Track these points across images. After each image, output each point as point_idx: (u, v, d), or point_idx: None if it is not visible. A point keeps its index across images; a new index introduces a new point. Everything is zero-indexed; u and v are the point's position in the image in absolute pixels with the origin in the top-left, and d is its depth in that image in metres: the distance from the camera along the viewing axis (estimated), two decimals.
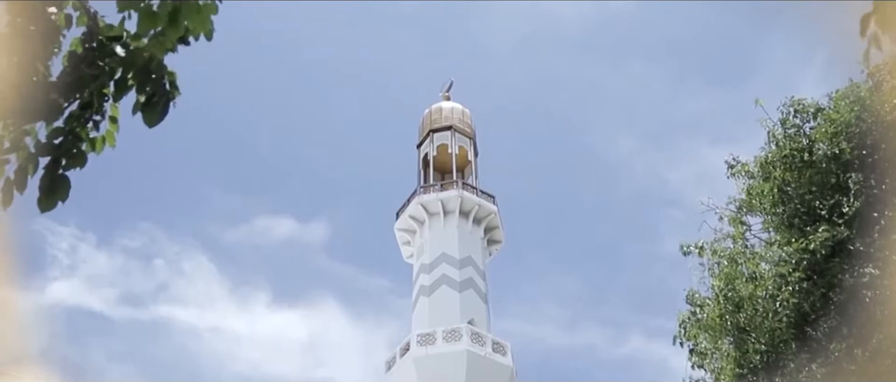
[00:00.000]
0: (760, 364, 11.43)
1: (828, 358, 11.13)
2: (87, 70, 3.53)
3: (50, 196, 3.54)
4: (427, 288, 34.86)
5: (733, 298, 11.65)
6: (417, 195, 38.13)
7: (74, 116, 3.58)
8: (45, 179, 3.54)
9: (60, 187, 3.55)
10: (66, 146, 3.56)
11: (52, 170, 3.55)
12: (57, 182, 3.55)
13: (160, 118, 3.60)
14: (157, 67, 3.58)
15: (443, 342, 31.38)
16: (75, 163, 3.59)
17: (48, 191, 3.53)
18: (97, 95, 3.58)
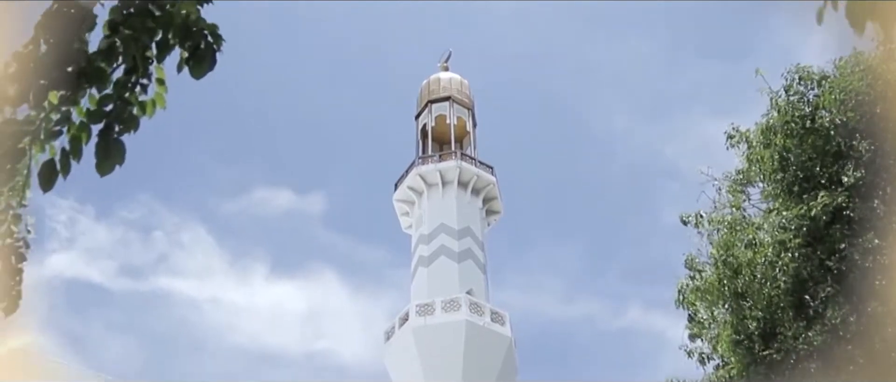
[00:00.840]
0: (757, 331, 11.46)
1: (824, 326, 11.15)
2: (128, 33, 3.59)
3: (106, 160, 3.59)
4: (426, 258, 34.93)
5: (732, 264, 11.65)
6: (416, 166, 38.11)
7: (121, 82, 3.64)
8: (101, 145, 3.60)
9: (116, 151, 3.61)
10: (116, 111, 3.63)
11: (107, 136, 3.60)
12: (112, 146, 3.60)
13: (208, 69, 3.68)
14: (195, 22, 3.65)
15: (441, 312, 31.49)
16: (128, 127, 3.65)
17: (104, 155, 3.59)
18: (141, 59, 3.64)
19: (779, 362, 11.13)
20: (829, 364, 11.01)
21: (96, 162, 3.60)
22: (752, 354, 11.49)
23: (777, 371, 11.21)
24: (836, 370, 10.92)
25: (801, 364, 10.98)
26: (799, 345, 11.03)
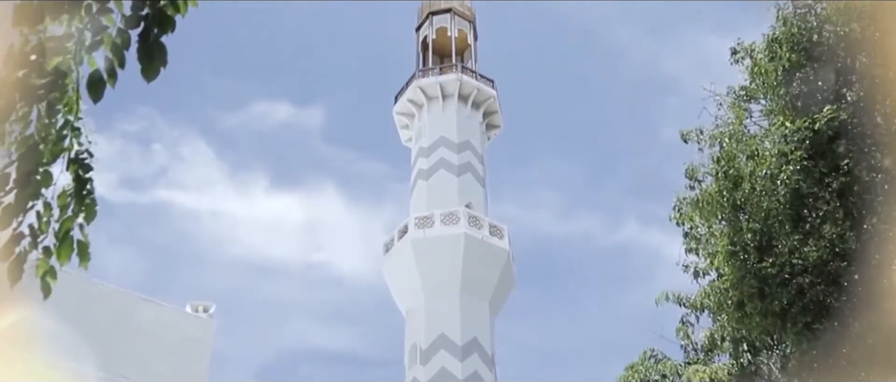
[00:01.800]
0: (753, 243, 11.49)
1: (821, 241, 11.19)
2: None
3: (150, 64, 3.62)
4: (425, 171, 34.98)
5: (732, 176, 11.63)
6: (416, 79, 37.85)
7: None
8: (142, 49, 3.61)
9: (158, 54, 3.63)
10: (153, 14, 3.64)
11: (147, 39, 3.62)
12: (154, 49, 3.62)
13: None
14: None
15: (440, 225, 31.67)
16: (165, 28, 3.66)
17: (148, 59, 3.61)
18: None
19: (773, 275, 11.20)
20: (823, 279, 11.08)
21: (141, 67, 3.62)
22: (747, 267, 11.55)
23: (770, 284, 11.29)
24: (830, 285, 11.01)
25: (796, 279, 11.06)
26: (794, 260, 11.08)
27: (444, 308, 30.54)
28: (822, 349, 11.52)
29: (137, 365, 9.95)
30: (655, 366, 17.78)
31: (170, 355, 10.42)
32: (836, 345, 11.17)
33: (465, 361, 29.28)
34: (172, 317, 10.79)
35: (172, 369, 10.27)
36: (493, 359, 30.44)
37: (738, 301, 11.93)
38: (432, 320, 30.40)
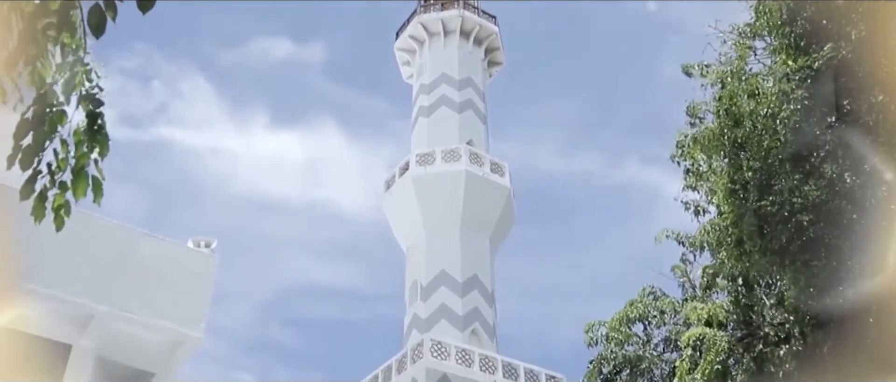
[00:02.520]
0: (753, 182, 11.53)
1: (820, 180, 11.21)
2: None
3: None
4: (426, 108, 34.85)
5: (733, 113, 11.61)
6: (418, 14, 37.47)
7: None
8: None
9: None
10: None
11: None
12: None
13: None
14: None
15: (441, 162, 31.66)
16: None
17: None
18: None
19: (772, 214, 11.25)
20: (822, 218, 11.13)
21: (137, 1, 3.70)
22: (747, 205, 11.60)
23: (770, 223, 11.34)
24: (829, 223, 11.06)
25: (795, 217, 11.11)
26: (794, 198, 11.12)
27: (444, 244, 30.71)
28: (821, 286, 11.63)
29: (140, 300, 10.04)
30: (654, 303, 17.97)
31: (172, 289, 10.50)
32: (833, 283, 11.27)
33: (466, 297, 29.54)
34: (174, 252, 10.83)
35: (175, 303, 10.36)
36: (493, 296, 30.73)
37: (737, 239, 12.00)
38: (433, 256, 30.59)
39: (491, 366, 26.83)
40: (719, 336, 14.30)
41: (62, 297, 9.31)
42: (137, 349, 10.44)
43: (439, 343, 26.23)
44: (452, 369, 25.78)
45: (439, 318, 28.90)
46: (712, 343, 14.15)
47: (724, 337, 14.38)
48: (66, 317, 9.48)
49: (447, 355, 26.05)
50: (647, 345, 18.06)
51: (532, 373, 27.73)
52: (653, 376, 17.84)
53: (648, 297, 18.26)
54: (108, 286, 9.82)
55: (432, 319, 28.93)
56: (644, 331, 18.26)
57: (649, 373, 17.83)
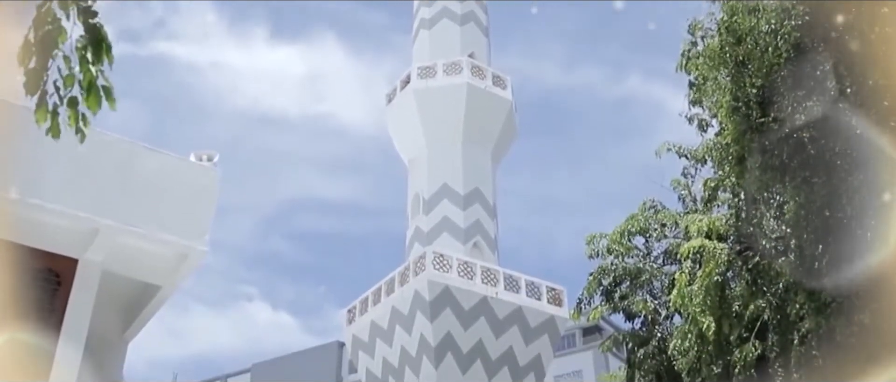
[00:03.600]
0: (755, 98, 11.48)
1: (823, 95, 11.15)
2: None
3: None
4: (427, 21, 34.41)
5: (734, 30, 11.50)
6: None
7: None
8: None
9: None
10: None
11: None
12: None
13: None
14: None
15: (443, 75, 31.43)
16: None
17: None
18: None
19: (774, 130, 11.24)
20: (824, 133, 11.12)
21: None
22: (749, 121, 11.58)
23: (771, 139, 11.34)
24: (830, 139, 11.05)
25: (796, 133, 11.10)
26: (795, 114, 11.09)
27: (446, 158, 30.73)
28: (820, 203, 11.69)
29: (144, 214, 10.11)
30: (655, 216, 18.10)
31: (175, 203, 10.56)
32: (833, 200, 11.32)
33: (467, 210, 29.71)
34: (177, 166, 10.85)
35: (178, 217, 10.43)
36: (494, 209, 30.90)
37: (738, 156, 12.03)
38: (435, 170, 30.64)
39: (492, 279, 27.17)
40: (719, 249, 14.45)
41: (67, 212, 9.38)
42: (143, 262, 10.57)
43: (441, 256, 26.50)
44: (454, 281, 26.10)
45: (441, 231, 29.13)
46: (711, 255, 14.31)
47: (724, 250, 14.53)
48: (72, 232, 9.57)
49: (449, 267, 26.35)
50: (647, 258, 18.26)
51: (533, 285, 28.08)
52: (652, 288, 18.09)
53: (649, 211, 18.38)
54: (112, 200, 9.88)
55: (434, 232, 29.17)
56: (644, 244, 18.44)
57: (649, 285, 18.07)
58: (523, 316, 27.22)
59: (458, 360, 25.60)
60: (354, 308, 29.95)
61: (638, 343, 17.59)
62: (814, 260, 12.58)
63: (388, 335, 27.50)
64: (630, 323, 18.16)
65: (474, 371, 25.80)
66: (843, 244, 11.43)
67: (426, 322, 25.57)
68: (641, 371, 17.13)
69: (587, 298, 18.18)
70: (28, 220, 9.20)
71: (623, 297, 17.94)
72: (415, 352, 26.08)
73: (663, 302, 17.63)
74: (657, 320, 17.73)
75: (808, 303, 12.85)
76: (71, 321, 9.31)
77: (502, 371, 26.41)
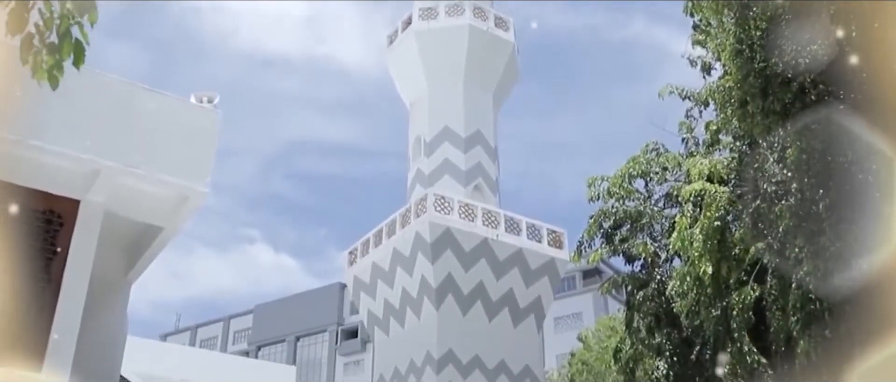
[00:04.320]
0: (759, 41, 11.39)
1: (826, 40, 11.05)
2: None
3: None
4: None
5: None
6: None
7: None
8: None
9: None
10: None
11: None
12: None
13: None
14: None
15: (445, 16, 31.14)
16: None
17: None
18: None
19: (777, 74, 11.17)
20: (826, 77, 11.05)
21: None
22: (752, 64, 11.50)
23: (773, 83, 11.28)
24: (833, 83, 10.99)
25: (800, 77, 11.03)
26: (798, 59, 11.01)
27: (447, 100, 30.63)
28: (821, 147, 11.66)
29: (145, 155, 10.10)
30: (656, 159, 18.07)
31: (176, 145, 10.53)
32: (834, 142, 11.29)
33: (469, 153, 29.70)
34: (177, 108, 10.79)
35: (179, 158, 10.41)
36: (495, 151, 30.87)
37: (741, 99, 11.97)
38: (436, 112, 30.55)
39: (493, 221, 27.27)
40: (720, 192, 14.46)
41: (68, 153, 9.37)
42: (144, 203, 10.59)
43: (442, 198, 26.57)
44: (455, 223, 26.21)
45: (442, 173, 29.16)
46: (712, 198, 14.32)
47: (725, 193, 14.55)
48: (73, 173, 9.58)
49: (450, 209, 26.44)
50: (647, 201, 18.28)
51: (534, 228, 28.19)
52: (652, 231, 18.15)
53: (651, 153, 18.35)
54: (112, 141, 9.86)
55: (435, 174, 29.20)
56: (645, 187, 18.45)
57: (649, 228, 18.13)
58: (524, 258, 27.39)
59: (459, 301, 25.84)
60: (356, 249, 30.13)
61: (637, 285, 17.70)
62: (814, 204, 12.61)
63: (389, 276, 27.71)
64: (630, 266, 18.26)
65: (475, 312, 26.06)
66: (844, 188, 11.45)
67: (427, 264, 25.74)
68: (640, 314, 17.28)
69: (587, 241, 18.25)
70: (29, 161, 9.20)
71: (623, 240, 18.00)
72: (416, 294, 26.32)
73: (663, 245, 17.70)
74: (657, 263, 17.82)
75: (807, 247, 12.91)
76: (74, 262, 9.37)
77: (502, 312, 26.67)
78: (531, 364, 26.93)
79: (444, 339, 25.27)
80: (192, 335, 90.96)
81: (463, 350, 25.45)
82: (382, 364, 28.19)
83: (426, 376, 25.11)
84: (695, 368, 15.89)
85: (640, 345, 17.23)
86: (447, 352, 25.18)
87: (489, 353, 25.92)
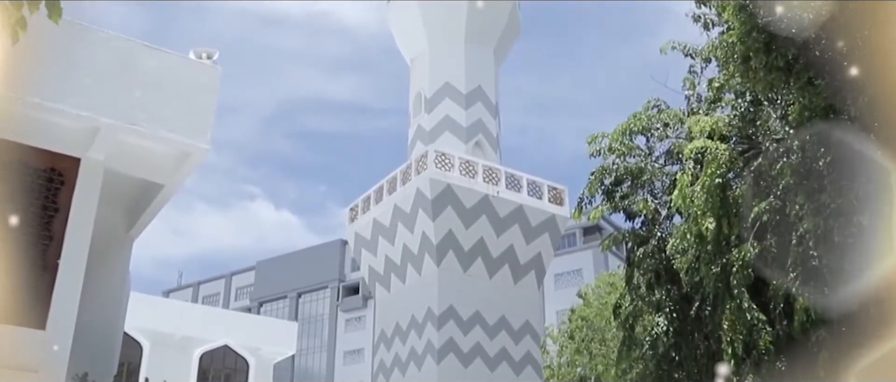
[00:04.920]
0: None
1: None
2: None
3: None
4: None
5: None
6: None
7: None
8: None
9: None
10: None
11: None
12: None
13: None
14: None
15: None
16: None
17: None
18: None
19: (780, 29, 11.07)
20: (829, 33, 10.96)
21: None
22: (755, 20, 11.40)
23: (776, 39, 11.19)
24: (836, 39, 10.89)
25: (804, 33, 10.94)
26: (802, 14, 10.91)
27: (448, 56, 30.46)
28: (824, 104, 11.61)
29: (145, 112, 10.06)
30: (658, 115, 17.99)
31: (176, 101, 10.49)
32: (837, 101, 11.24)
33: (469, 109, 29.61)
34: (177, 64, 10.73)
35: (180, 115, 10.38)
36: (496, 108, 30.77)
37: (744, 55, 11.88)
38: (436, 68, 30.41)
39: (494, 177, 27.28)
40: (721, 149, 14.42)
41: (67, 110, 9.34)
42: (145, 160, 10.58)
43: (443, 155, 26.55)
44: (456, 180, 26.23)
45: (443, 130, 29.11)
46: (714, 156, 14.28)
47: (726, 150, 14.50)
48: (73, 131, 9.55)
49: (451, 166, 26.43)
50: (648, 157, 18.22)
51: (534, 184, 28.21)
52: (653, 188, 18.13)
53: (652, 110, 18.26)
54: (112, 98, 9.82)
55: (436, 131, 29.15)
56: (646, 144, 18.39)
57: (650, 185, 18.10)
58: (524, 214, 27.45)
59: (460, 258, 25.95)
60: (356, 206, 30.18)
61: (637, 242, 17.72)
62: (815, 161, 12.59)
63: (390, 233, 27.79)
64: (630, 223, 18.26)
65: (475, 268, 26.19)
66: (846, 145, 11.42)
67: (428, 220, 25.80)
68: (640, 270, 17.32)
69: (588, 197, 18.21)
70: (29, 119, 9.17)
71: (624, 197, 17.98)
72: (416, 250, 26.41)
73: (664, 202, 17.69)
74: (657, 220, 17.82)
75: (807, 204, 12.91)
76: (75, 219, 9.38)
77: (503, 268, 26.79)
78: (531, 320, 27.13)
79: (444, 295, 25.43)
80: (194, 291, 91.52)
81: (463, 306, 25.63)
82: (384, 320, 28.40)
83: (427, 331, 25.31)
84: (694, 324, 15.97)
85: (640, 301, 17.29)
86: (448, 308, 25.35)
87: (489, 309, 26.10)
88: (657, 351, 16.29)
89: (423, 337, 25.50)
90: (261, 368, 31.27)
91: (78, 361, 9.35)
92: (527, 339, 26.65)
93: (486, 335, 25.73)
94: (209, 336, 30.40)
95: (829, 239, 12.56)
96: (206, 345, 30.19)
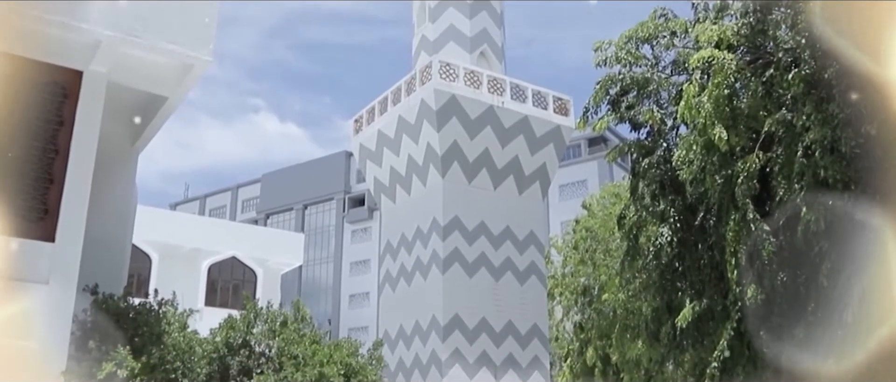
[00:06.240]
0: None
1: None
2: None
3: None
4: None
5: None
6: None
7: None
8: None
9: None
10: None
11: None
12: None
13: None
14: None
15: None
16: None
17: None
18: None
19: None
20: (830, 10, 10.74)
21: None
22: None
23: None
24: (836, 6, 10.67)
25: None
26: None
27: None
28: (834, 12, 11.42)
29: (146, 24, 9.95)
30: (665, 24, 17.71)
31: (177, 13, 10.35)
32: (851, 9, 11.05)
33: (474, 19, 29.11)
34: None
35: (181, 26, 10.27)
36: (501, 17, 30.33)
37: None
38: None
39: (499, 88, 27.10)
40: (729, 59, 14.23)
41: (69, 23, 9.24)
42: (148, 73, 10.52)
43: (448, 65, 26.32)
44: (461, 90, 26.07)
45: (447, 40, 28.78)
46: (721, 66, 14.11)
47: (734, 60, 14.32)
48: (74, 43, 9.46)
49: (455, 76, 26.24)
50: (655, 67, 18.00)
51: (539, 95, 28.04)
52: (659, 98, 17.95)
53: (659, 19, 17.97)
54: (112, 11, 9.70)
55: (440, 41, 28.83)
56: (652, 53, 18.14)
57: (656, 95, 17.92)
58: (529, 125, 27.37)
59: (465, 168, 25.99)
60: (361, 117, 30.09)
61: (643, 153, 17.64)
62: (824, 70, 12.45)
63: (394, 144, 27.78)
64: (635, 134, 18.15)
65: (480, 179, 26.25)
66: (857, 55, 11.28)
67: (433, 131, 25.75)
68: (645, 181, 17.29)
69: (593, 107, 18.04)
70: (29, 32, 9.08)
71: (629, 107, 17.83)
72: (421, 161, 26.44)
73: (670, 113, 17.55)
74: (663, 130, 17.71)
75: (814, 114, 12.83)
76: (80, 132, 9.37)
77: (508, 179, 26.86)
78: (536, 231, 27.33)
79: (449, 206, 25.56)
80: (201, 204, 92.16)
81: (468, 216, 25.79)
82: (389, 231, 28.62)
83: (432, 242, 25.53)
84: (698, 234, 16.03)
85: (644, 212, 17.32)
86: (453, 219, 25.52)
87: (494, 219, 26.26)
88: (660, 262, 16.41)
89: (428, 248, 25.73)
90: (269, 279, 31.66)
91: (88, 273, 9.46)
92: (531, 249, 26.89)
93: (490, 245, 25.96)
94: (217, 247, 30.69)
95: (836, 149, 12.52)
96: (215, 257, 30.52)
